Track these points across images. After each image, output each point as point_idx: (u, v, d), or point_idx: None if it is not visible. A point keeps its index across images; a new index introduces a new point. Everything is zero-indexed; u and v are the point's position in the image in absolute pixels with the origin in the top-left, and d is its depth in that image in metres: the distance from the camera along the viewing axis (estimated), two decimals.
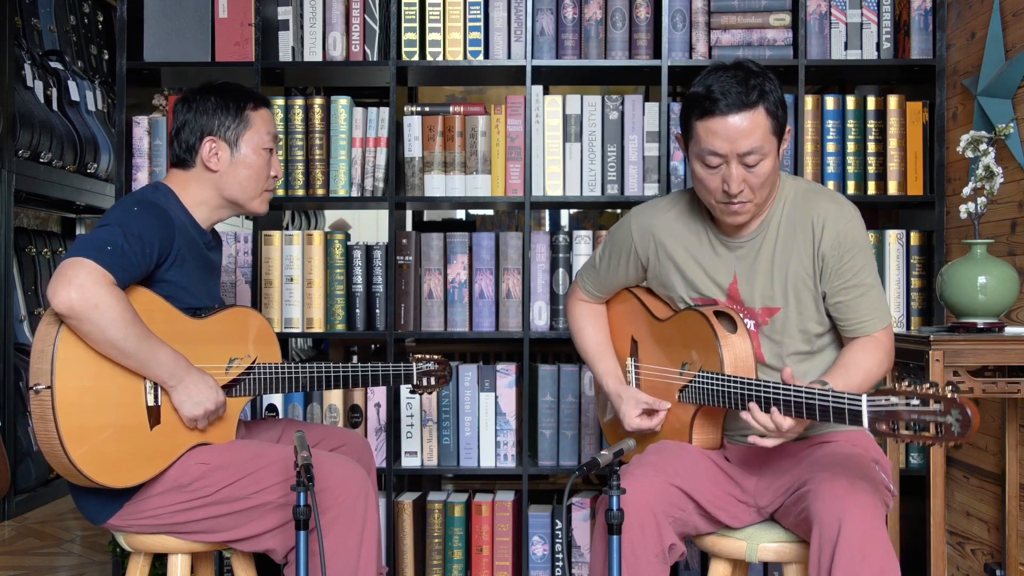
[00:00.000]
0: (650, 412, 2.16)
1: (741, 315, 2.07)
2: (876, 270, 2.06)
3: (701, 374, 2.02)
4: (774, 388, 1.85)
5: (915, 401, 1.62)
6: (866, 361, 1.98)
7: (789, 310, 2.05)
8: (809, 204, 2.04)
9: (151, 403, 2.01)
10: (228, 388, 2.14)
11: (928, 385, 1.63)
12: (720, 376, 1.97)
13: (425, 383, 2.40)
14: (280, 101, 3.00)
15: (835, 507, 1.78)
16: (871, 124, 2.96)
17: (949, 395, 1.59)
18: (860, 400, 1.70)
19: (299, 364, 2.25)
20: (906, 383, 1.66)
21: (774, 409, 1.83)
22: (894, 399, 1.65)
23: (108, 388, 1.96)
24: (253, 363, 2.20)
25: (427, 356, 2.41)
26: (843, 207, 2.03)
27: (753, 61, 2.01)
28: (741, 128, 1.92)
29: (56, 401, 1.89)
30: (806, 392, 1.79)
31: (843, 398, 1.73)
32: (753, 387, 1.89)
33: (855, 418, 1.70)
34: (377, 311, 3.01)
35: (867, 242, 2.05)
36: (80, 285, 1.86)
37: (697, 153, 1.98)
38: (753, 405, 1.87)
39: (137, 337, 1.93)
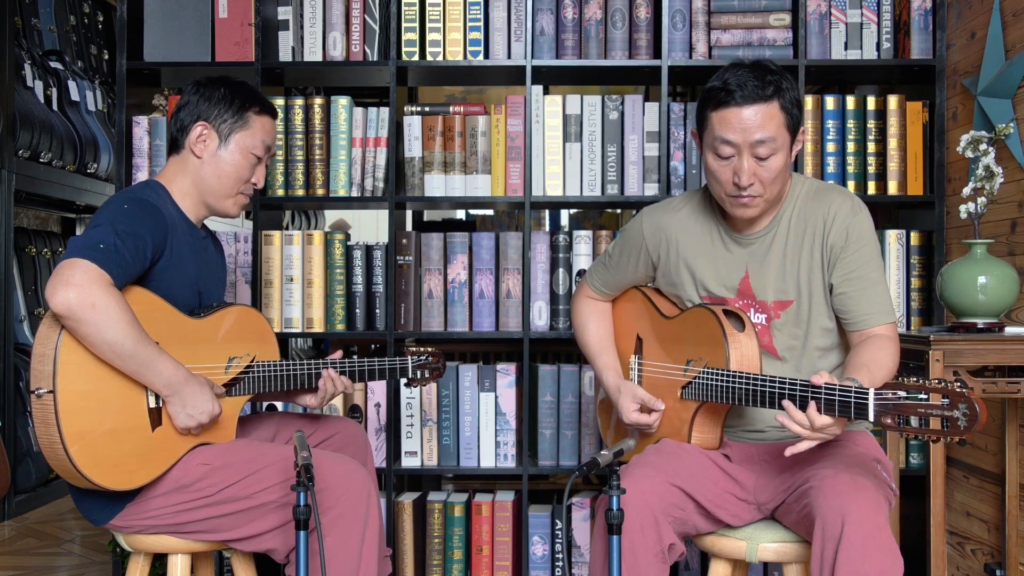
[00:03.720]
0: (647, 409, 2.17)
1: (750, 312, 2.09)
2: (882, 269, 2.07)
3: (706, 370, 2.03)
4: (780, 383, 1.85)
5: (922, 395, 1.63)
6: (883, 358, 1.95)
7: (802, 302, 2.07)
8: (820, 199, 2.08)
9: (152, 404, 2.00)
10: (227, 387, 2.14)
11: (937, 380, 1.63)
12: (725, 372, 1.97)
13: (420, 376, 2.40)
14: (280, 101, 3.00)
15: (838, 504, 1.78)
16: (871, 124, 2.96)
17: (957, 389, 1.60)
18: (867, 393, 1.70)
19: (297, 361, 2.25)
20: (914, 378, 1.66)
21: (812, 405, 1.79)
22: (901, 393, 1.66)
23: (110, 391, 1.95)
24: (252, 361, 2.20)
25: (422, 348, 2.40)
26: (854, 202, 2.07)
27: (772, 62, 2.04)
28: (755, 119, 1.96)
29: (59, 405, 1.88)
30: (812, 387, 1.79)
31: (849, 391, 1.73)
32: (758, 383, 1.90)
33: (861, 411, 1.71)
34: (377, 311, 3.01)
35: (874, 239, 2.07)
36: (78, 285, 1.84)
37: (710, 143, 2.01)
38: (788, 403, 1.83)
39: (135, 340, 1.91)
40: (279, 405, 2.99)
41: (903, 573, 1.79)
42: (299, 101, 3.01)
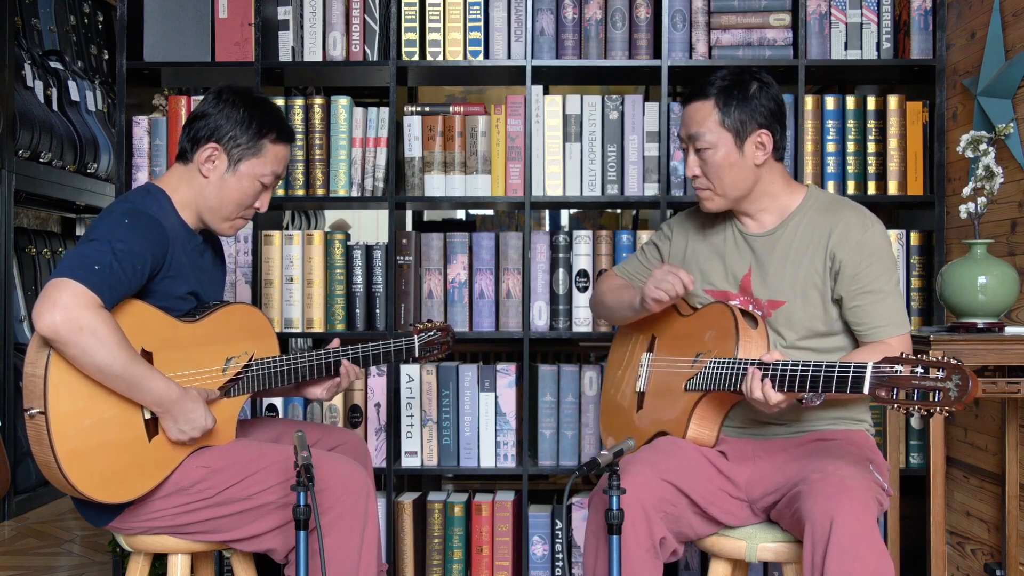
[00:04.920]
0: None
1: (748, 308, 2.13)
2: (897, 281, 2.10)
3: (713, 361, 2.05)
4: (782, 365, 1.90)
5: (919, 369, 1.68)
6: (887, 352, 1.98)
7: (795, 305, 2.10)
8: (832, 211, 2.14)
9: (148, 416, 1.98)
10: (227, 387, 2.13)
11: (936, 357, 1.68)
12: (731, 360, 2.01)
13: (430, 352, 2.39)
14: (280, 101, 3.00)
15: (827, 506, 1.80)
16: (871, 124, 2.96)
17: (952, 362, 1.65)
18: (865, 367, 1.76)
19: (294, 355, 2.22)
20: (911, 356, 1.71)
21: (767, 382, 1.90)
22: (899, 367, 1.71)
23: (104, 406, 1.92)
24: (251, 359, 2.18)
25: (428, 324, 2.40)
26: (865, 217, 2.12)
27: (760, 69, 2.16)
28: (691, 115, 2.15)
29: (51, 426, 1.86)
30: (813, 365, 1.85)
31: (848, 366, 1.79)
32: (760, 366, 1.94)
33: (857, 384, 1.76)
34: (377, 311, 3.01)
35: (888, 252, 2.10)
36: (64, 307, 1.81)
37: None
38: (754, 369, 1.92)
39: (124, 361, 1.87)
40: (279, 406, 2.99)
41: (893, 572, 1.80)
42: (299, 101, 3.01)
